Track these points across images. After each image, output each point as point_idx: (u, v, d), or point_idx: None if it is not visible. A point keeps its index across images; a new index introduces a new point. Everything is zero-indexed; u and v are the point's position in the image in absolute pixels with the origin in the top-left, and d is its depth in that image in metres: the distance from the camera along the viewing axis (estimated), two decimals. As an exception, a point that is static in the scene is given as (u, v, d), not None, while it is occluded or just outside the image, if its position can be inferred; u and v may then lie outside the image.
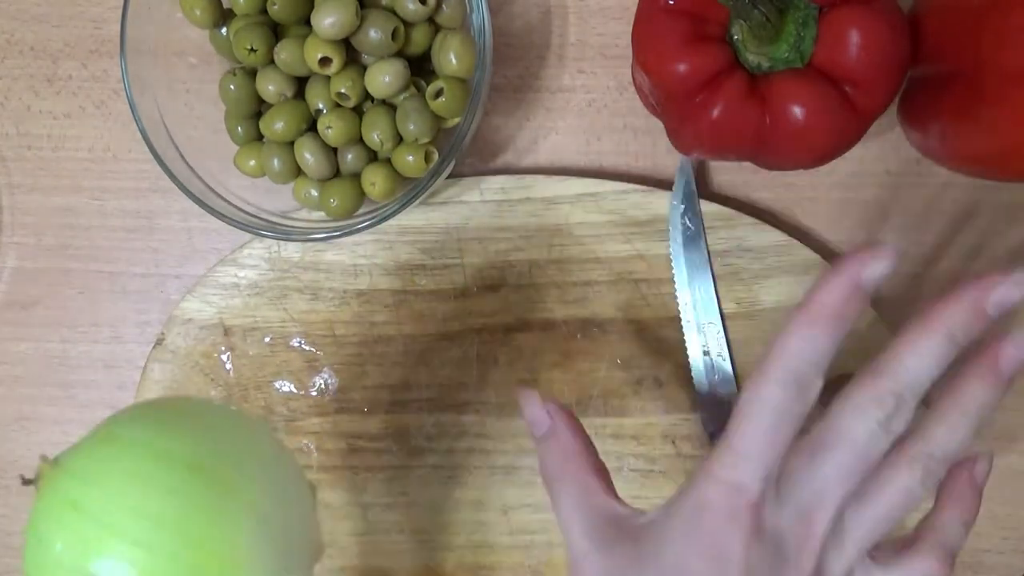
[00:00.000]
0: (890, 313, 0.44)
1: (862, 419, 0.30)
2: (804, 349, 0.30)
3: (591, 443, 0.34)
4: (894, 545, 0.31)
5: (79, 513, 0.29)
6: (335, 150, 0.42)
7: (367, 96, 0.41)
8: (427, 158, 0.40)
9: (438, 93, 0.39)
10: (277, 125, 0.41)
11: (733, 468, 0.30)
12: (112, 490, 0.29)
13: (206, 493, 0.30)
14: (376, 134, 0.40)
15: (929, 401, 0.30)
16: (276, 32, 0.41)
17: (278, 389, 0.45)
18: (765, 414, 0.29)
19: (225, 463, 0.30)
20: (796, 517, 0.30)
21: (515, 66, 0.44)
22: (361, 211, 0.42)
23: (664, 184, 0.44)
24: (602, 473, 0.34)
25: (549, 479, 0.33)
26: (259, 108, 0.42)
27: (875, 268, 0.29)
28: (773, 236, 0.43)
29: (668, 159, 0.44)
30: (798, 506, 0.30)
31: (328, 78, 0.40)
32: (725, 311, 0.43)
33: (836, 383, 0.31)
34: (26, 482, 0.31)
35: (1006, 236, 0.43)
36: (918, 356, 0.30)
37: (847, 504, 0.30)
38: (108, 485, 0.29)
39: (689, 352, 0.43)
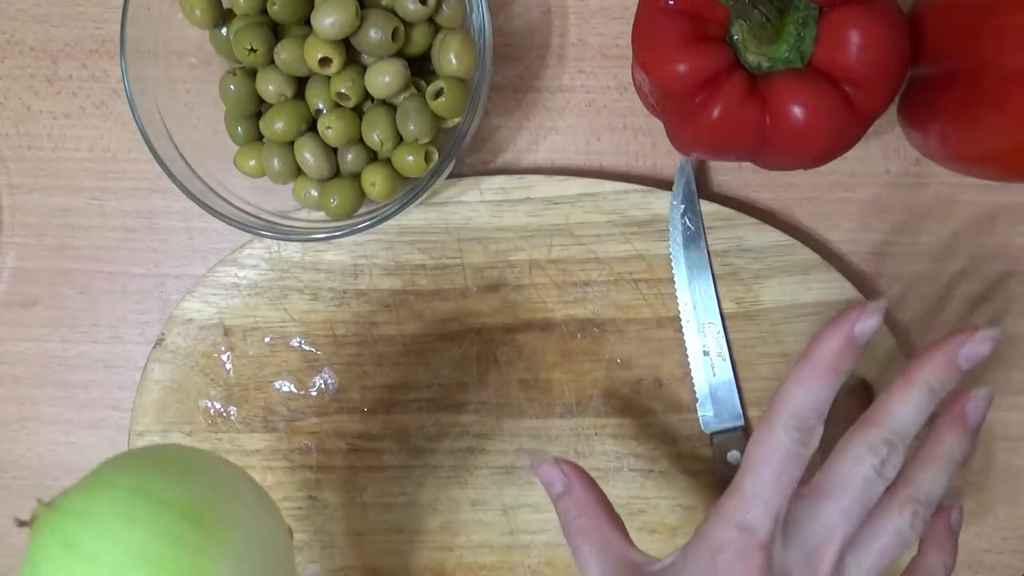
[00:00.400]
0: (891, 314, 0.44)
1: (859, 466, 0.33)
2: (806, 398, 0.33)
3: (604, 496, 0.36)
4: None
5: (73, 551, 0.30)
6: (335, 150, 0.42)
7: (367, 96, 0.41)
8: (427, 158, 0.40)
9: (438, 93, 0.39)
10: (277, 125, 0.41)
11: (744, 511, 0.33)
12: (106, 530, 0.30)
13: (194, 537, 0.31)
14: (376, 134, 0.40)
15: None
16: (276, 32, 0.41)
17: (278, 389, 0.45)
18: (773, 459, 0.33)
19: (212, 509, 0.32)
20: (802, 558, 0.33)
21: (515, 66, 0.44)
22: (361, 211, 0.42)
23: (664, 184, 0.44)
24: (618, 524, 0.36)
25: (569, 534, 0.36)
26: (259, 108, 0.42)
27: (866, 324, 0.33)
28: (773, 236, 0.43)
29: (668, 159, 0.44)
30: (804, 548, 0.33)
31: (328, 78, 0.40)
32: (725, 311, 0.43)
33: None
34: (21, 524, 0.32)
35: (1006, 236, 0.43)
36: (904, 407, 0.34)
37: (847, 546, 0.33)
38: (102, 526, 0.30)
39: (689, 352, 0.43)
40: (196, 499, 0.32)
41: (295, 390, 0.45)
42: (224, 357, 0.45)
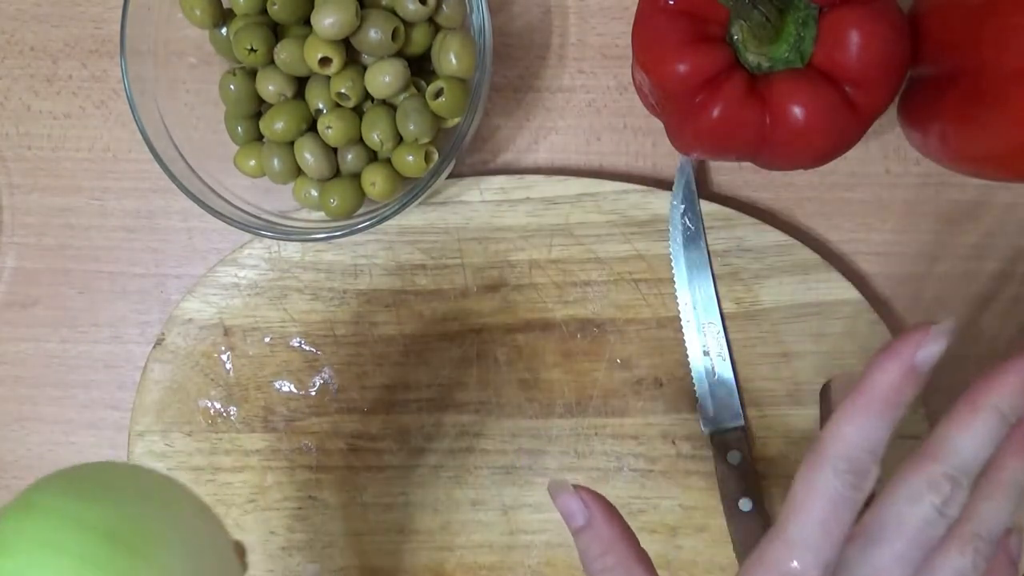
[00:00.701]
0: (892, 313, 0.44)
1: (918, 506, 0.29)
2: (859, 437, 0.29)
3: (629, 528, 0.33)
4: None
5: None
6: (335, 150, 0.42)
7: (367, 96, 0.41)
8: (427, 158, 0.40)
9: (438, 93, 0.39)
10: (277, 125, 0.41)
11: (789, 558, 0.29)
12: (26, 559, 0.29)
13: (118, 560, 0.30)
14: (376, 134, 0.40)
15: None
16: (276, 32, 0.41)
17: (278, 389, 0.45)
18: (822, 503, 0.29)
19: (140, 529, 0.30)
20: None
21: (515, 66, 0.44)
22: (361, 211, 0.42)
23: (664, 184, 0.44)
24: (645, 560, 0.32)
25: (592, 572, 0.32)
26: (259, 108, 0.42)
27: (930, 350, 0.29)
28: (773, 236, 0.43)
29: (668, 159, 0.44)
30: None
31: (328, 78, 0.40)
32: (725, 311, 0.43)
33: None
34: None
35: (1006, 236, 0.43)
36: (970, 436, 0.29)
37: None
38: (22, 553, 0.29)
39: (689, 352, 0.43)
40: (121, 519, 0.30)
41: (295, 390, 0.45)
42: (224, 357, 0.45)
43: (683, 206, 0.43)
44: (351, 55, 0.40)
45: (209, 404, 0.45)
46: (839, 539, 0.29)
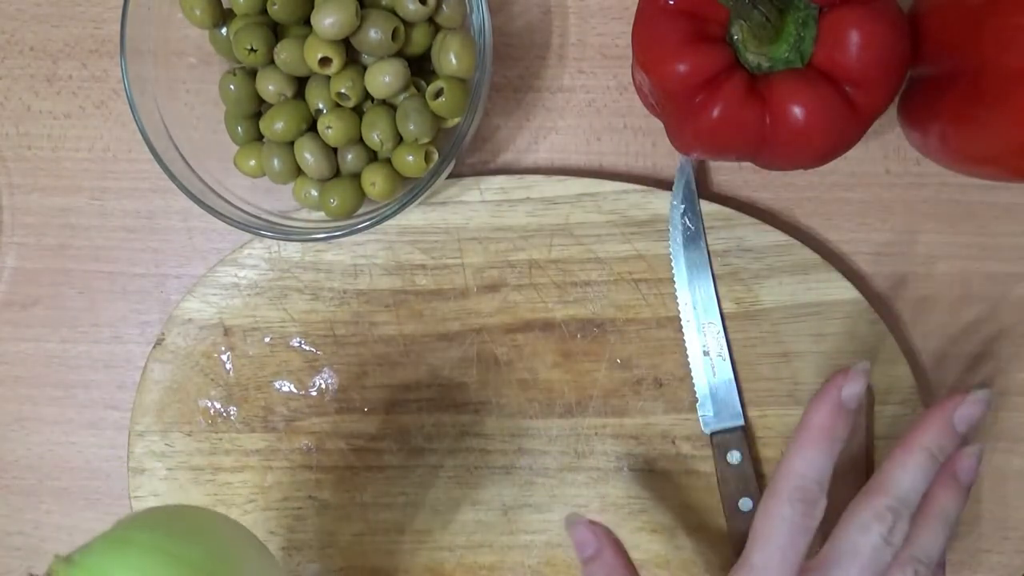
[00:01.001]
0: (892, 313, 0.44)
1: (867, 535, 0.34)
2: (807, 469, 0.34)
3: (632, 564, 0.37)
4: None
5: None
6: (335, 150, 0.42)
7: (367, 96, 0.41)
8: (427, 158, 0.40)
9: (438, 93, 0.39)
10: (277, 125, 0.41)
11: None
12: None
13: None
14: (376, 134, 0.40)
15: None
16: (276, 32, 0.41)
17: (278, 389, 0.45)
18: (779, 532, 0.34)
19: (224, 566, 0.34)
20: None
21: (515, 66, 0.44)
22: (361, 211, 0.42)
23: (664, 184, 0.44)
24: None
25: None
26: (259, 108, 0.42)
27: (852, 389, 0.35)
28: (773, 236, 0.43)
29: (668, 159, 0.44)
30: None
31: (328, 78, 0.40)
32: (725, 311, 0.43)
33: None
34: None
35: (1006, 236, 0.43)
36: (907, 474, 0.35)
37: None
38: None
39: (689, 352, 0.43)
40: (208, 556, 0.34)
41: (295, 390, 0.45)
42: (224, 357, 0.45)
43: (683, 206, 0.43)
44: (351, 55, 0.40)
45: (209, 404, 0.45)
46: (796, 561, 0.34)
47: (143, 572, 0.32)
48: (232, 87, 0.41)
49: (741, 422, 0.43)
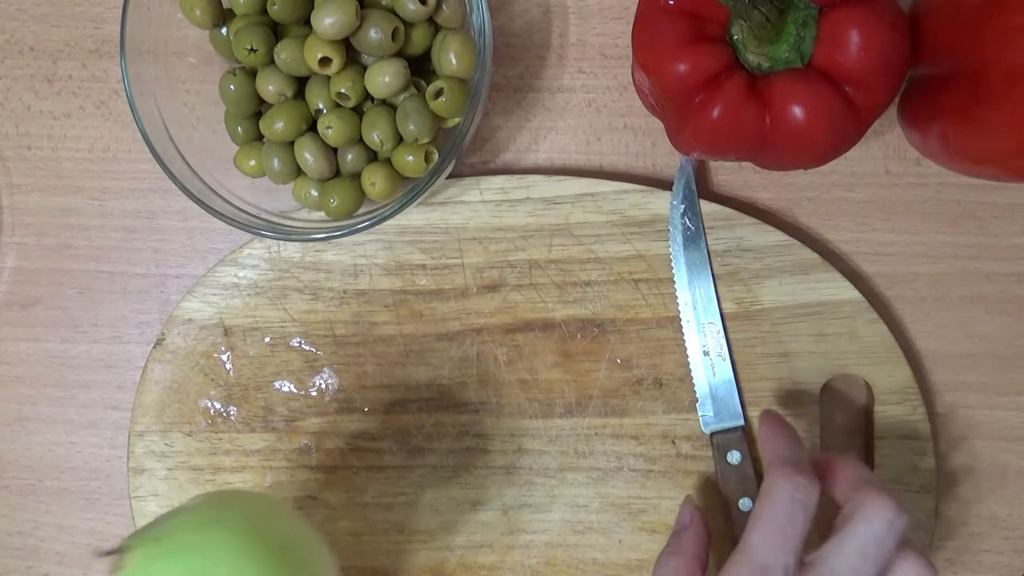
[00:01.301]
0: (892, 313, 0.44)
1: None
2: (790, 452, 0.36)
3: (708, 553, 0.39)
4: None
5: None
6: (335, 150, 0.42)
7: (367, 96, 0.41)
8: (427, 158, 0.40)
9: (438, 93, 0.39)
10: (277, 125, 0.41)
11: None
12: (216, 559, 0.34)
13: (287, 566, 0.36)
14: (376, 134, 0.40)
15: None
16: (276, 32, 0.41)
17: (278, 389, 0.45)
18: (778, 507, 0.34)
19: (296, 543, 0.37)
20: None
21: (515, 66, 0.44)
22: (361, 211, 0.42)
23: (664, 184, 0.44)
24: (703, 570, 0.39)
25: (666, 553, 0.39)
26: (259, 108, 0.42)
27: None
28: (773, 236, 0.43)
29: (668, 159, 0.44)
30: None
31: (328, 78, 0.40)
32: (725, 311, 0.43)
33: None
34: (106, 553, 0.34)
35: (1006, 236, 0.43)
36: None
37: None
38: (211, 554, 0.34)
39: (689, 352, 0.43)
40: (283, 533, 0.36)
41: (295, 390, 0.45)
42: (224, 357, 0.45)
43: (683, 206, 0.43)
44: (351, 55, 0.40)
45: (209, 404, 0.45)
46: (797, 542, 0.33)
47: (230, 544, 0.34)
48: (232, 87, 0.41)
49: (741, 422, 0.43)
